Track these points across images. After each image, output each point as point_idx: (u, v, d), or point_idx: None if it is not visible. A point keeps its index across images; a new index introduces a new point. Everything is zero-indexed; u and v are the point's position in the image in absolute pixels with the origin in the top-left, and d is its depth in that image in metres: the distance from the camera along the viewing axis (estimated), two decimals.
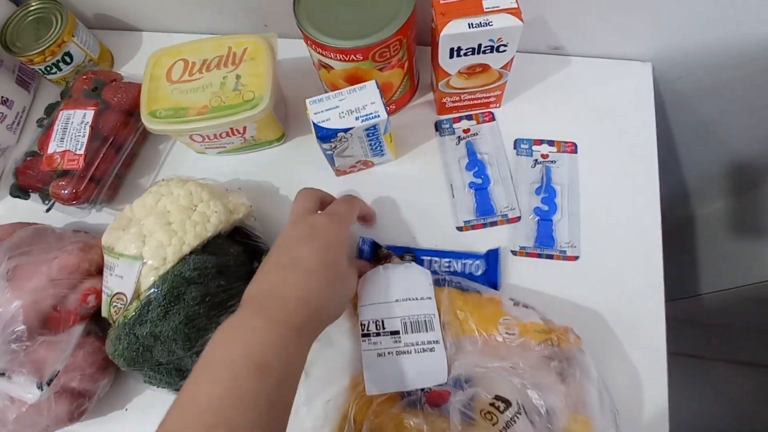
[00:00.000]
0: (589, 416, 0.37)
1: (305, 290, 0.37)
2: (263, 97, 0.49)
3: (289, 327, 0.34)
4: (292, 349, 0.34)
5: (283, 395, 0.33)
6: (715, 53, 0.53)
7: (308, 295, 0.36)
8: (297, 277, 0.37)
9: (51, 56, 0.57)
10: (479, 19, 0.43)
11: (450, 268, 0.48)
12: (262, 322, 0.34)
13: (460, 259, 0.48)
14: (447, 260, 0.48)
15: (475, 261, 0.49)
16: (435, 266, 0.48)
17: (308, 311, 0.36)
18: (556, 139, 0.54)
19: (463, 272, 0.48)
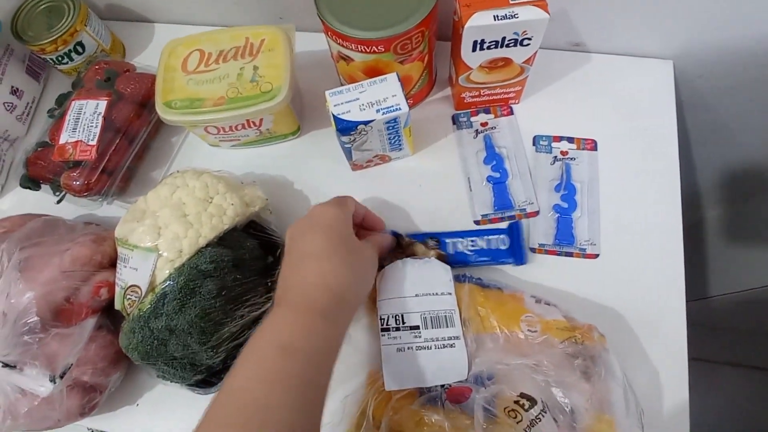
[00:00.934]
0: (614, 416, 0.36)
1: (321, 275, 0.37)
2: (281, 89, 0.49)
3: (311, 312, 0.35)
4: (318, 331, 0.35)
5: (312, 376, 0.33)
6: (737, 52, 0.52)
7: (325, 279, 0.37)
8: (310, 266, 0.38)
9: (63, 46, 0.57)
10: (505, 11, 0.43)
11: (475, 246, 0.47)
12: (286, 310, 0.36)
13: (484, 236, 0.47)
14: (471, 239, 0.47)
15: (499, 236, 0.48)
16: (460, 247, 0.47)
17: (330, 294, 0.36)
18: (576, 136, 0.53)
19: (489, 249, 0.47)
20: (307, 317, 0.35)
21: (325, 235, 0.39)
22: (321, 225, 0.40)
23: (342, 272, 0.38)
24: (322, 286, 0.37)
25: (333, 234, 0.39)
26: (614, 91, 0.55)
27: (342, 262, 0.38)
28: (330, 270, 0.37)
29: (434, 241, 0.46)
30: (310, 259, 0.38)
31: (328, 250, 0.38)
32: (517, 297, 0.43)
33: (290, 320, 0.35)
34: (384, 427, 0.38)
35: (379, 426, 0.38)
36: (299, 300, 0.36)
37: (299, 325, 0.35)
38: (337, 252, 0.38)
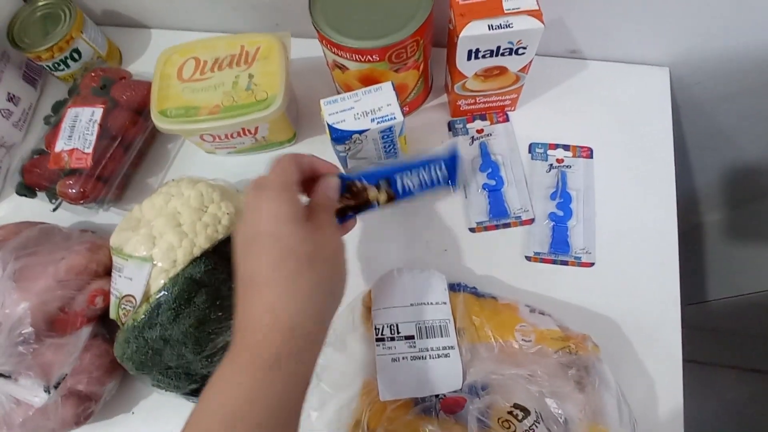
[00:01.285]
0: (607, 426, 0.36)
1: (269, 310, 0.29)
2: (276, 97, 0.49)
3: (257, 362, 0.28)
4: (266, 388, 0.28)
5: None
6: (734, 59, 0.52)
7: (275, 314, 0.29)
8: (254, 298, 0.30)
9: (59, 53, 0.57)
10: (499, 20, 0.43)
11: (419, 178, 0.39)
12: (232, 367, 0.29)
13: (426, 167, 0.39)
14: (415, 172, 0.39)
15: (437, 164, 0.39)
16: (407, 183, 0.39)
17: (282, 334, 0.29)
18: (572, 143, 0.53)
19: (432, 180, 0.39)
20: (253, 370, 0.28)
21: (263, 249, 0.30)
22: (262, 236, 0.30)
23: (295, 301, 0.29)
24: (270, 324, 0.29)
25: (274, 245, 0.30)
26: (610, 98, 0.55)
27: (291, 286, 0.29)
28: (278, 303, 0.29)
29: (386, 182, 0.38)
30: (255, 290, 0.30)
31: (271, 272, 0.29)
32: (511, 306, 0.43)
33: (235, 378, 0.28)
34: None
35: None
36: (244, 350, 0.29)
37: (245, 384, 0.28)
38: (282, 273, 0.29)
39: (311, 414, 0.41)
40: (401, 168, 0.39)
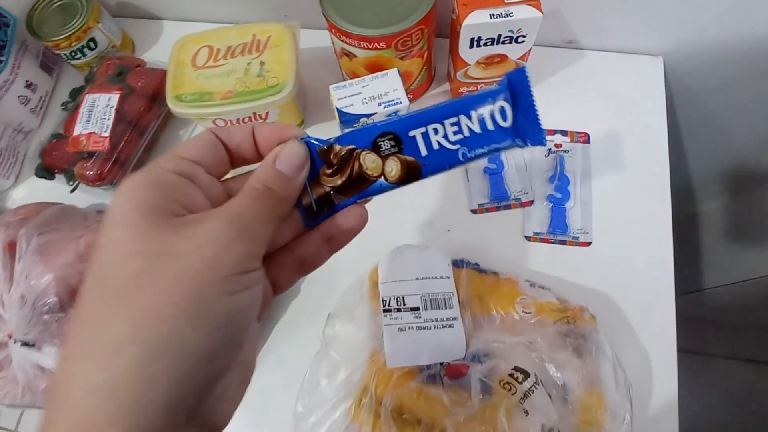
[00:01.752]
0: (604, 391, 0.38)
1: (58, 408, 0.17)
2: (287, 83, 0.51)
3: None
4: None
5: None
6: (726, 50, 0.55)
7: (62, 423, 0.17)
8: (55, 375, 0.18)
9: (76, 42, 0.59)
10: (500, 10, 0.45)
11: (461, 131, 0.24)
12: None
13: (469, 110, 0.25)
14: (452, 121, 0.24)
15: (495, 103, 0.25)
16: (436, 140, 0.24)
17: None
18: (570, 129, 0.55)
19: (485, 130, 0.24)
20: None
21: (92, 273, 0.19)
22: (96, 246, 0.19)
23: (84, 371, 0.17)
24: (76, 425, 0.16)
25: (94, 265, 0.19)
26: (606, 86, 0.57)
27: (89, 341, 0.17)
28: (68, 383, 0.17)
29: (391, 140, 0.24)
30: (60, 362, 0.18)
31: (82, 317, 0.18)
32: (512, 281, 0.45)
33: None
34: (387, 402, 0.40)
35: (381, 402, 0.40)
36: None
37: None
38: (87, 310, 0.18)
39: (321, 381, 0.44)
40: (416, 117, 0.24)
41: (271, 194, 0.21)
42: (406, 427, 0.39)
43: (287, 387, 0.46)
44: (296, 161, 0.22)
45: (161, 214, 0.19)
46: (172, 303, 0.17)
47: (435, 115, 0.24)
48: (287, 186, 0.22)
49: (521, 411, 0.36)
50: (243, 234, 0.19)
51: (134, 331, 0.17)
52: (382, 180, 0.24)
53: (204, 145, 0.22)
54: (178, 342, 0.17)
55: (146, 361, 0.16)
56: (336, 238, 0.24)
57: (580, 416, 0.37)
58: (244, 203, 0.21)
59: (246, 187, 0.21)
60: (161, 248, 0.18)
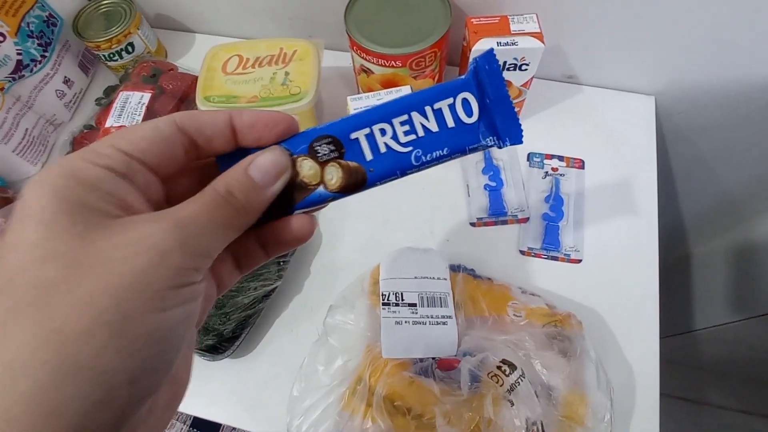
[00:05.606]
0: (586, 390, 0.40)
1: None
2: (308, 92, 0.55)
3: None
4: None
5: None
6: (714, 92, 0.59)
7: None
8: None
9: (116, 45, 0.64)
10: (506, 39, 0.50)
11: (415, 130, 0.21)
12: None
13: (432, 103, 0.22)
14: (403, 118, 0.21)
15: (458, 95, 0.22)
16: (385, 141, 0.21)
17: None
18: (566, 155, 0.59)
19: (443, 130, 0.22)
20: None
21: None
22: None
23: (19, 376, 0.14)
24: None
25: (12, 269, 0.15)
26: (602, 119, 0.62)
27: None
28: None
29: (329, 144, 0.21)
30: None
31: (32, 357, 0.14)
32: (505, 287, 0.48)
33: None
34: (379, 390, 0.42)
35: (374, 391, 0.42)
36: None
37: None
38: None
39: (318, 368, 0.45)
40: (364, 117, 0.22)
41: (231, 202, 0.18)
42: (396, 415, 0.41)
43: (286, 378, 0.47)
44: (273, 170, 0.19)
45: (87, 214, 0.16)
46: (88, 318, 0.14)
47: (381, 114, 0.21)
48: (254, 196, 0.19)
49: (507, 402, 0.38)
50: (186, 244, 0.16)
51: (36, 352, 0.14)
52: (322, 189, 0.21)
53: (152, 139, 0.18)
54: (90, 365, 0.14)
55: (49, 387, 0.14)
56: (272, 245, 0.22)
57: (563, 411, 0.39)
58: (196, 208, 0.17)
59: (206, 189, 0.18)
60: (82, 253, 0.15)
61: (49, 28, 0.62)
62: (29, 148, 0.63)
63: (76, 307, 0.14)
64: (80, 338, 0.14)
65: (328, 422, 0.42)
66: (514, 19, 0.51)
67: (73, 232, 0.15)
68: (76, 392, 0.14)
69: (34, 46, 0.60)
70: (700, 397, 1.20)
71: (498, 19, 0.51)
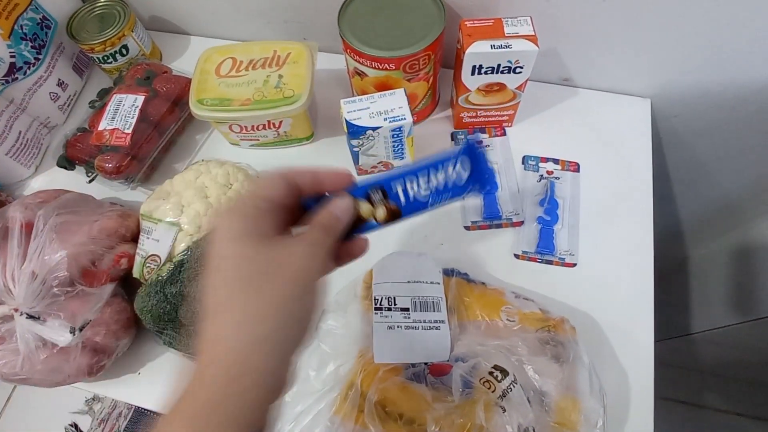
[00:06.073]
0: (579, 396, 0.40)
1: (210, 345, 0.26)
2: (302, 95, 0.55)
3: (189, 411, 0.24)
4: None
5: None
6: (710, 95, 0.59)
7: (215, 351, 0.25)
8: (201, 333, 0.26)
9: (110, 47, 0.64)
10: (500, 42, 0.50)
11: (430, 186, 0.33)
12: (175, 404, 0.25)
13: (438, 167, 0.33)
14: (423, 177, 0.33)
15: (455, 161, 0.33)
16: (413, 192, 0.33)
17: (222, 375, 0.24)
18: (561, 158, 0.59)
19: (447, 184, 0.33)
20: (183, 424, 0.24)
21: (216, 272, 0.27)
22: (212, 257, 0.27)
23: (236, 328, 0.25)
24: (211, 362, 0.25)
25: (221, 266, 0.27)
26: (597, 122, 0.62)
27: (238, 310, 0.25)
28: (220, 335, 0.25)
29: (379, 192, 0.33)
30: (203, 320, 0.26)
31: (215, 296, 0.26)
32: (498, 291, 0.48)
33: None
34: (371, 395, 0.41)
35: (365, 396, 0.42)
36: (182, 403, 0.25)
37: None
38: (230, 294, 0.26)
39: (310, 373, 0.45)
40: (399, 174, 0.33)
41: (330, 229, 0.30)
42: (388, 420, 0.40)
43: None
44: (346, 211, 0.31)
45: (261, 234, 0.27)
46: (289, 293, 0.26)
47: (413, 172, 0.33)
48: (338, 225, 0.30)
49: (499, 408, 0.37)
50: (321, 252, 0.29)
51: (269, 310, 0.26)
52: (373, 221, 0.33)
53: (272, 188, 0.29)
54: (293, 319, 0.27)
55: (278, 328, 0.26)
56: (342, 258, 0.32)
57: (555, 417, 0.38)
58: (318, 234, 0.29)
59: (315, 223, 0.30)
60: (268, 258, 0.26)
61: (42, 30, 0.62)
62: (23, 151, 0.63)
63: (281, 286, 0.26)
64: (289, 302, 0.26)
65: (319, 428, 0.42)
66: (508, 21, 0.51)
67: (258, 245, 0.26)
68: (290, 334, 0.26)
69: (28, 49, 0.60)
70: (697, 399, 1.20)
71: (492, 22, 0.51)
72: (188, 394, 0.25)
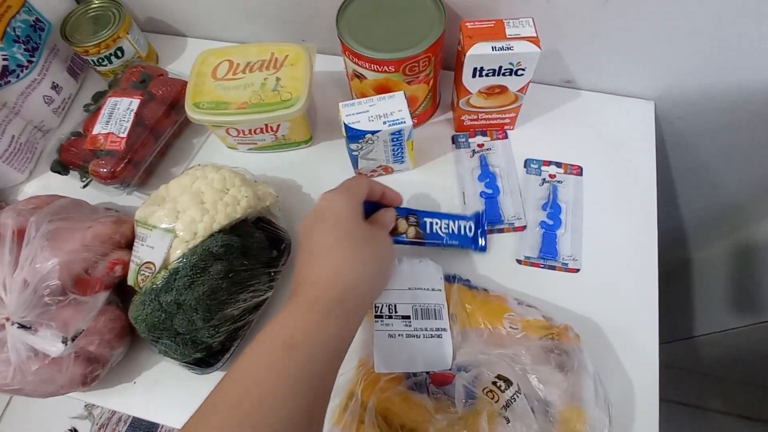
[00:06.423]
0: (584, 406, 0.39)
1: (331, 269, 0.37)
2: (299, 98, 0.54)
3: (315, 309, 0.35)
4: (320, 329, 0.35)
5: (314, 374, 0.33)
6: (714, 97, 0.58)
7: (336, 273, 0.37)
8: (318, 262, 0.38)
9: (105, 49, 0.63)
10: (502, 43, 0.49)
11: (447, 229, 0.51)
12: (293, 306, 0.36)
13: (455, 220, 0.51)
14: (446, 221, 0.51)
15: (466, 222, 0.52)
16: (434, 227, 0.50)
17: (336, 291, 0.36)
18: (564, 161, 0.58)
19: (458, 233, 0.51)
20: (311, 314, 0.35)
21: (332, 227, 0.39)
22: (327, 217, 0.40)
23: (354, 266, 0.38)
24: (327, 282, 0.36)
25: (340, 226, 0.39)
26: (600, 125, 0.61)
27: (350, 256, 0.38)
28: (337, 265, 0.37)
29: (414, 218, 0.48)
30: (318, 255, 0.38)
31: (335, 244, 0.38)
32: (501, 298, 0.47)
33: (296, 316, 0.35)
34: (371, 405, 0.40)
35: (366, 407, 0.41)
36: (304, 297, 0.36)
37: (303, 321, 0.35)
38: (344, 245, 0.38)
39: None
40: (431, 213, 0.50)
41: (385, 226, 0.46)
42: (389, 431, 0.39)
43: None
44: (393, 218, 0.47)
45: (360, 213, 0.42)
46: (381, 252, 0.42)
47: (440, 216, 0.51)
48: (390, 225, 0.47)
49: (503, 418, 0.36)
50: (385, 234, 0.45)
51: (369, 260, 0.39)
52: (404, 237, 0.48)
53: (365, 190, 0.44)
54: (386, 268, 0.43)
55: (375, 273, 0.40)
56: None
57: (560, 428, 0.37)
58: (381, 227, 0.45)
59: (377, 219, 0.45)
60: (371, 230, 0.41)
61: (36, 32, 0.61)
62: (16, 156, 0.62)
63: (376, 249, 0.41)
64: (381, 260, 0.42)
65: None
66: (509, 23, 0.50)
67: (362, 221, 0.41)
68: (380, 279, 0.43)
69: (21, 51, 0.59)
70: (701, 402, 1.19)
71: (493, 23, 0.50)
72: (309, 300, 0.36)
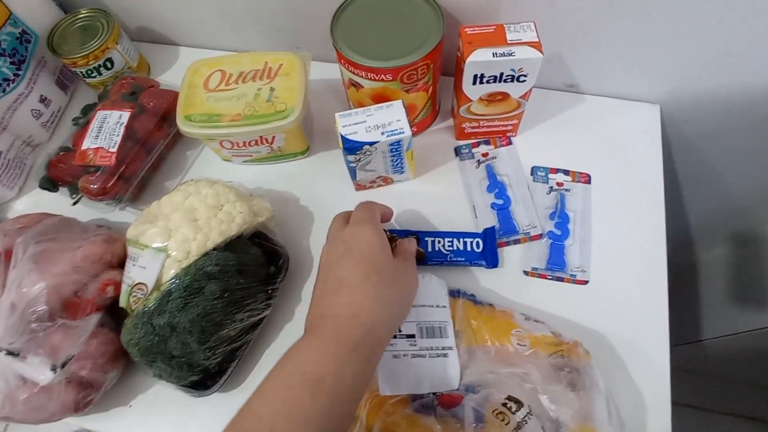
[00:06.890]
0: (597, 426, 0.37)
1: (355, 307, 0.36)
2: (294, 109, 0.52)
3: (342, 345, 0.34)
4: (348, 366, 0.33)
5: (336, 412, 0.32)
6: (720, 100, 0.57)
7: (359, 311, 0.36)
8: (344, 297, 0.37)
9: (94, 60, 0.61)
10: (503, 49, 0.47)
11: (452, 246, 0.50)
12: (319, 341, 0.35)
13: (461, 237, 0.51)
14: (449, 239, 0.50)
15: (474, 239, 0.51)
16: (438, 246, 0.49)
17: (363, 329, 0.35)
18: (571, 168, 0.56)
19: (464, 250, 0.50)
20: (338, 349, 0.34)
21: (359, 264, 0.38)
22: (354, 252, 0.39)
23: (377, 306, 0.37)
24: (355, 319, 0.35)
25: (370, 263, 0.38)
26: (605, 130, 0.59)
27: (377, 296, 0.37)
28: (364, 303, 0.36)
29: (413, 237, 0.48)
30: (345, 289, 0.37)
31: (364, 281, 0.37)
32: (507, 313, 0.45)
33: (320, 351, 0.34)
34: (376, 430, 0.38)
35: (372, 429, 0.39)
36: (330, 331, 0.35)
37: (329, 357, 0.33)
38: (373, 284, 0.37)
39: None
40: (434, 233, 0.51)
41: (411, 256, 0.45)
42: None
43: None
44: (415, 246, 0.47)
45: (389, 248, 0.41)
46: (405, 291, 0.41)
47: (442, 234, 0.51)
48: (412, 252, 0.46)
49: None
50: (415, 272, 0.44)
51: (393, 300, 0.39)
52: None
53: (380, 216, 0.44)
54: (405, 307, 0.42)
55: (396, 313, 0.40)
56: None
57: None
58: (407, 257, 0.44)
59: (404, 251, 0.44)
60: (397, 266, 0.41)
61: (22, 45, 0.59)
62: (5, 172, 0.60)
63: (400, 287, 0.41)
64: (403, 299, 0.41)
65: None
66: (510, 27, 0.48)
67: (390, 261, 0.40)
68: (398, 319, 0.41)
69: (6, 65, 0.57)
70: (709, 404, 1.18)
71: (493, 29, 0.48)
72: (335, 335, 0.35)
